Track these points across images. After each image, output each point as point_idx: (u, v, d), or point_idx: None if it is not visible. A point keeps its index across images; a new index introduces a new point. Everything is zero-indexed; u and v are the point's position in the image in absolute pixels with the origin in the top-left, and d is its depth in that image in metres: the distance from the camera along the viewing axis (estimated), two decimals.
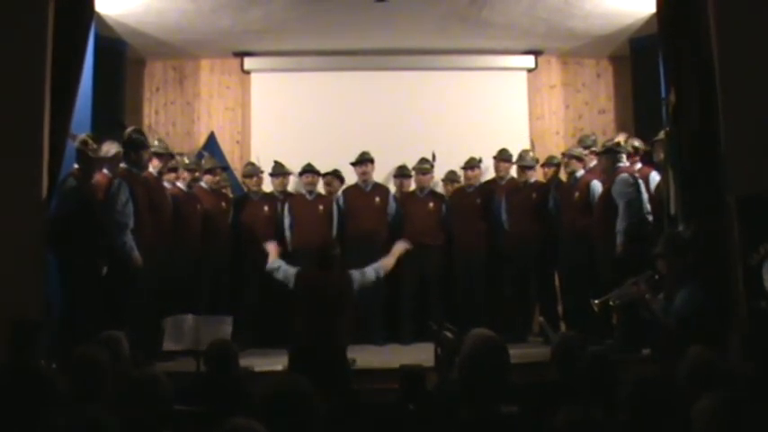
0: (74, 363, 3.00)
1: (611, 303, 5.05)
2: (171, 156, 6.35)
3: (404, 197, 7.10)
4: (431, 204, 6.93)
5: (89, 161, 5.36)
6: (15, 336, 3.68)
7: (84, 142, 5.29)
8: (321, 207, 6.84)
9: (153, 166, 5.93)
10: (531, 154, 7.02)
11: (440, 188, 7.39)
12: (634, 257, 5.33)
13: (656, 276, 4.76)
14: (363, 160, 6.98)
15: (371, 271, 5.05)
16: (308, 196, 6.92)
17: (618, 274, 5.29)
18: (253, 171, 7.01)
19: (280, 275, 5.00)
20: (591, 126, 8.05)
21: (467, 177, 7.02)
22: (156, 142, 6.14)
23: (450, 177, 7.31)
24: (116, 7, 6.47)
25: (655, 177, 5.93)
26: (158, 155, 6.02)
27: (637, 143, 6.33)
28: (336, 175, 7.19)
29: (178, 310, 5.25)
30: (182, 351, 5.05)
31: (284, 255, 6.69)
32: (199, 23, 6.94)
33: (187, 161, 6.53)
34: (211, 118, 8.07)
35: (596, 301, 5.11)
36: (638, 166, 6.21)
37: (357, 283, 4.94)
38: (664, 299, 4.59)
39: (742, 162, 4.74)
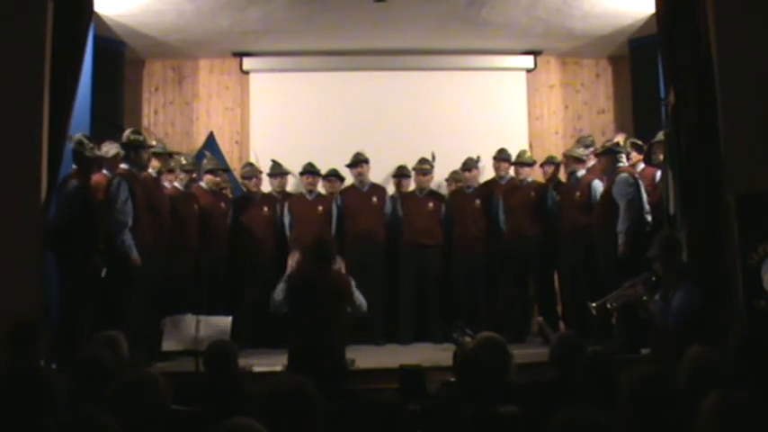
0: (79, 363, 3.00)
1: (608, 306, 5.04)
2: (170, 155, 6.36)
3: (403, 197, 7.10)
4: (430, 204, 6.93)
5: (86, 161, 5.35)
6: (14, 337, 3.67)
7: (80, 142, 5.29)
8: (321, 207, 6.84)
9: (152, 167, 5.94)
10: (527, 153, 7.04)
11: (443, 189, 7.39)
12: (636, 258, 5.33)
13: (653, 278, 4.76)
14: (358, 161, 6.97)
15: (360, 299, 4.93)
16: (308, 196, 6.92)
17: (618, 274, 5.30)
18: (252, 173, 7.00)
19: (277, 296, 4.88)
20: (590, 126, 8.06)
21: (465, 178, 7.02)
22: (153, 142, 6.13)
23: (455, 178, 7.29)
24: (115, 8, 6.46)
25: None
26: (157, 155, 6.03)
27: (639, 142, 6.35)
28: (337, 175, 7.19)
29: (177, 310, 5.25)
30: (181, 351, 5.04)
31: (282, 253, 6.74)
32: (197, 24, 6.94)
33: (184, 161, 6.52)
34: (210, 118, 8.07)
35: (594, 305, 5.09)
36: (642, 166, 6.22)
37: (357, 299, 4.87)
38: (660, 300, 4.59)
39: (741, 162, 4.75)
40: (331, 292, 4.70)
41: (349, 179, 7.19)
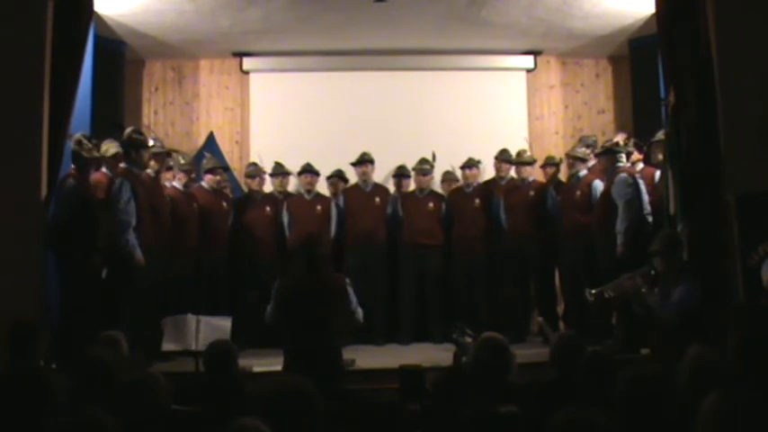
0: (79, 363, 3.00)
1: (605, 295, 5.06)
2: (168, 154, 6.34)
3: (403, 197, 7.09)
4: (430, 204, 6.92)
5: (85, 161, 5.35)
6: (14, 337, 3.67)
7: (79, 142, 5.29)
8: (319, 207, 6.84)
9: (150, 167, 5.93)
10: (527, 153, 7.05)
11: (437, 188, 7.38)
12: (635, 258, 5.33)
13: (653, 272, 4.76)
14: (363, 161, 6.98)
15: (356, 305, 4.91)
16: (306, 196, 6.92)
17: (618, 274, 5.29)
18: (255, 172, 7.00)
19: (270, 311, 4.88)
20: (590, 126, 8.06)
21: (465, 177, 7.01)
22: (151, 141, 6.11)
23: (449, 177, 7.30)
24: (115, 7, 6.46)
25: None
26: (155, 155, 6.01)
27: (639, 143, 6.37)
28: (340, 176, 7.19)
29: (177, 310, 5.25)
30: (181, 351, 5.04)
31: (283, 254, 6.74)
32: (198, 24, 6.94)
33: (182, 161, 6.51)
34: (210, 118, 8.07)
35: (592, 291, 5.13)
36: (641, 166, 6.23)
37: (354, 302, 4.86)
38: (659, 295, 4.59)
39: (741, 162, 4.75)
40: (325, 291, 4.66)
41: (352, 178, 7.20)
